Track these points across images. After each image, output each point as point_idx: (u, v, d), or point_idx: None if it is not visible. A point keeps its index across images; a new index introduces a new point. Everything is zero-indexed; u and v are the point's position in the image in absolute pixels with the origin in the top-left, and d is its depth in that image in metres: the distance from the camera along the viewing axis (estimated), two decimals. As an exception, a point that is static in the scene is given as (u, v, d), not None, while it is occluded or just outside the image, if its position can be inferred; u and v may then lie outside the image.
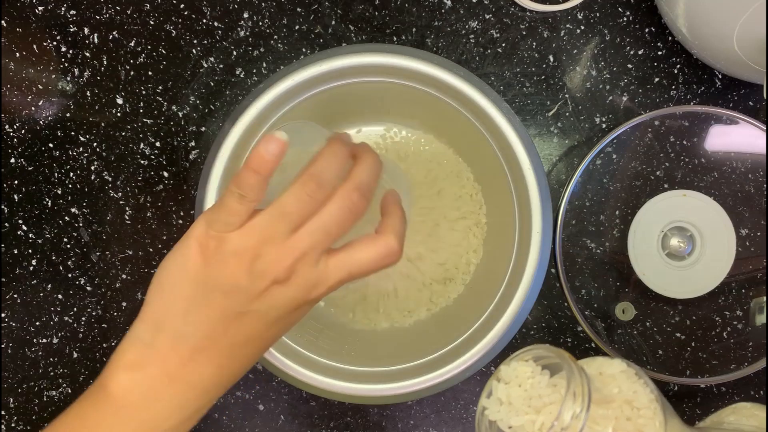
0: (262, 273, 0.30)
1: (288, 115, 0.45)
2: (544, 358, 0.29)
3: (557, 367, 0.29)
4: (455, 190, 0.50)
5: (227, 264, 0.30)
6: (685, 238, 0.48)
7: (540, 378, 0.28)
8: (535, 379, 0.28)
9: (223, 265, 0.30)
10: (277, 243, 0.30)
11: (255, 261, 0.30)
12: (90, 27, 0.51)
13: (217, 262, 0.30)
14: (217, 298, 0.30)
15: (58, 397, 0.52)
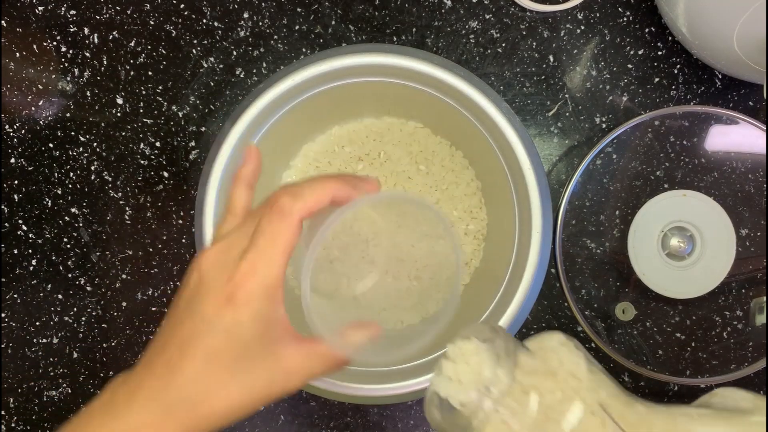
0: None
1: (288, 115, 0.45)
2: (482, 333, 0.29)
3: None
4: (455, 189, 0.50)
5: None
6: (685, 238, 0.48)
7: (485, 354, 0.28)
8: (480, 356, 0.28)
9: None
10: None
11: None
12: (90, 27, 0.51)
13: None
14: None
15: (58, 397, 0.52)
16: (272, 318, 0.29)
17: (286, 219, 0.29)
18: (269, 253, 0.29)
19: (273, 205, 0.30)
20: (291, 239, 0.29)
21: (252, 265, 0.29)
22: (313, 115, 0.47)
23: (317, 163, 0.50)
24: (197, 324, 0.29)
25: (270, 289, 0.29)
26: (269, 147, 0.45)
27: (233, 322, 0.29)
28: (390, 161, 0.50)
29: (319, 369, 0.31)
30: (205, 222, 0.42)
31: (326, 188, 0.30)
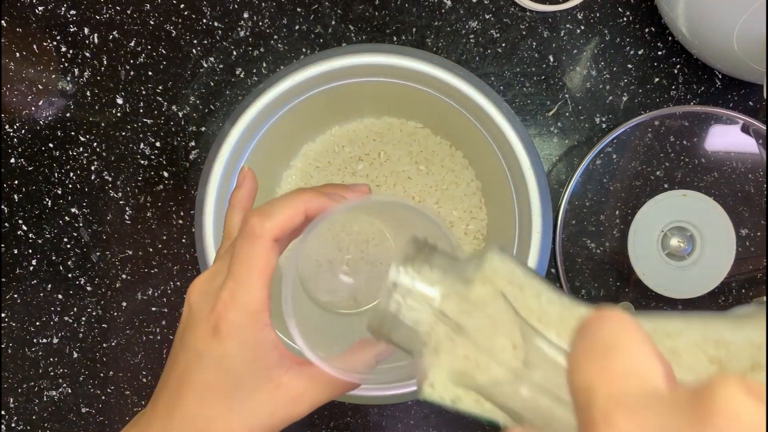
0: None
1: (288, 114, 0.45)
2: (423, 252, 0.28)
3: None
4: (455, 189, 0.50)
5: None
6: (685, 238, 0.48)
7: (434, 275, 0.27)
8: (430, 276, 0.27)
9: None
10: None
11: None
12: (90, 27, 0.51)
13: None
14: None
15: (58, 397, 0.52)
16: (261, 343, 0.28)
17: (257, 241, 0.28)
18: (245, 279, 0.28)
19: (243, 229, 0.29)
20: (266, 260, 0.28)
21: (231, 293, 0.28)
22: (313, 115, 0.47)
23: (317, 163, 0.50)
24: (189, 359, 0.29)
25: (253, 315, 0.28)
26: (269, 147, 0.45)
27: (221, 354, 0.28)
28: (390, 161, 0.50)
29: (325, 394, 0.30)
30: (205, 222, 0.42)
31: (296, 202, 0.29)
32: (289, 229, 0.29)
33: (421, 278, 0.26)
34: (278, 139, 0.46)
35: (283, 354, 0.29)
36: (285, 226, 0.29)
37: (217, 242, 0.42)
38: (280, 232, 0.29)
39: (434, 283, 0.26)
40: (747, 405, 0.14)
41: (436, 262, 0.27)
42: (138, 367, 0.52)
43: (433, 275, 0.26)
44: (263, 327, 0.28)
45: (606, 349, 0.17)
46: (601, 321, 0.18)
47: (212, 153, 0.42)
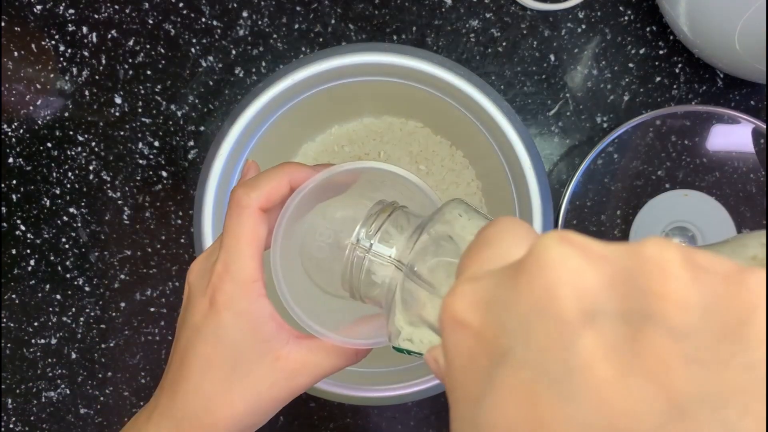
0: None
1: (288, 114, 0.44)
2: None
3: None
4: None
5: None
6: (686, 238, 0.48)
7: (398, 234, 0.28)
8: (395, 235, 0.28)
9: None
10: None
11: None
12: (88, 26, 0.51)
13: None
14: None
15: (57, 397, 0.52)
16: (258, 314, 0.29)
17: (244, 211, 0.29)
18: (235, 249, 0.29)
19: (230, 202, 0.29)
20: (254, 230, 0.29)
21: (224, 264, 0.29)
22: (313, 114, 0.47)
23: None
24: (189, 335, 0.29)
25: (245, 284, 0.29)
26: (268, 146, 0.45)
27: (218, 325, 0.28)
28: (390, 161, 0.50)
29: (327, 363, 0.30)
30: (204, 222, 0.42)
31: (280, 173, 0.30)
32: (275, 199, 0.30)
33: (380, 236, 0.27)
34: (278, 139, 0.46)
35: (280, 325, 0.29)
36: (270, 195, 0.29)
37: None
38: (265, 201, 0.29)
39: (394, 238, 0.27)
40: (557, 249, 0.15)
41: (400, 220, 0.28)
42: (136, 367, 0.52)
43: (393, 231, 0.28)
44: (257, 297, 0.29)
45: (483, 242, 0.19)
46: (490, 223, 0.19)
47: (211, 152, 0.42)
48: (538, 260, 0.15)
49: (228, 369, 0.28)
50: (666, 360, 0.13)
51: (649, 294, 0.14)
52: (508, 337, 0.15)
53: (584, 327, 0.14)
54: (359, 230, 0.27)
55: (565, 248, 0.15)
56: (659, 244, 0.15)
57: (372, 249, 0.27)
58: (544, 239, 0.16)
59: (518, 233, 0.19)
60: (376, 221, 0.28)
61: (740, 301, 0.14)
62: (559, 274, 0.15)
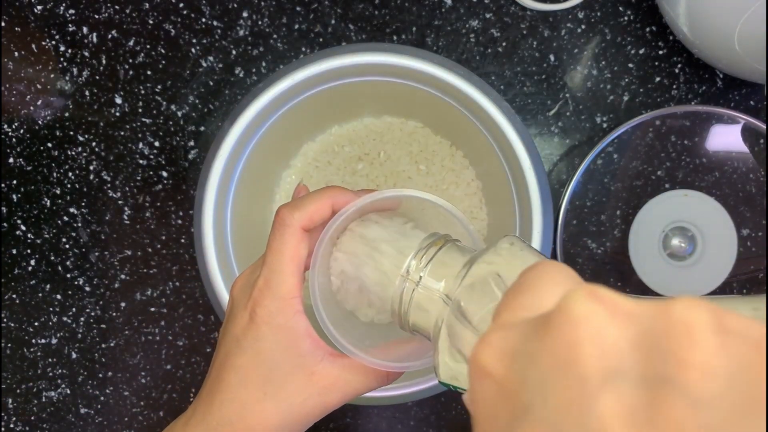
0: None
1: (288, 114, 0.44)
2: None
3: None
4: (455, 189, 0.49)
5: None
6: (686, 238, 0.48)
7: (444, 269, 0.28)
8: (443, 268, 0.28)
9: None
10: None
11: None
12: (89, 26, 0.51)
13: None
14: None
15: (57, 397, 0.52)
16: (295, 330, 0.30)
17: (288, 229, 0.30)
18: (277, 266, 0.30)
19: (274, 221, 0.31)
20: (296, 248, 0.30)
21: (265, 280, 0.30)
22: (313, 114, 0.47)
23: (317, 162, 0.50)
24: (229, 346, 0.30)
25: (284, 300, 0.30)
26: (268, 146, 0.45)
27: (256, 338, 0.30)
28: (390, 161, 0.50)
29: (359, 383, 0.31)
30: (204, 222, 0.42)
31: (324, 195, 0.31)
32: (317, 220, 0.31)
33: (430, 268, 0.27)
34: (278, 139, 0.46)
35: (316, 342, 0.30)
36: (313, 216, 0.30)
37: (216, 242, 0.42)
38: (308, 221, 0.30)
39: (442, 272, 0.27)
40: (584, 305, 0.15)
41: (450, 252, 0.28)
42: (137, 367, 0.52)
43: (443, 265, 0.28)
44: (295, 313, 0.30)
45: (521, 287, 0.19)
46: (531, 267, 0.19)
47: (211, 153, 0.42)
48: (564, 315, 0.15)
49: (264, 381, 0.29)
50: (683, 430, 0.13)
51: (672, 358, 0.14)
52: (529, 392, 0.15)
53: (604, 388, 0.14)
54: (410, 262, 0.28)
55: (592, 305, 0.15)
56: (689, 305, 0.14)
57: (421, 282, 0.28)
58: (573, 294, 0.15)
59: (556, 280, 0.19)
60: (427, 254, 0.28)
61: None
62: (584, 332, 0.15)
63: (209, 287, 0.42)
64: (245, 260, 0.45)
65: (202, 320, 0.51)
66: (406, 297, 0.28)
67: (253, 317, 0.30)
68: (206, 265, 0.42)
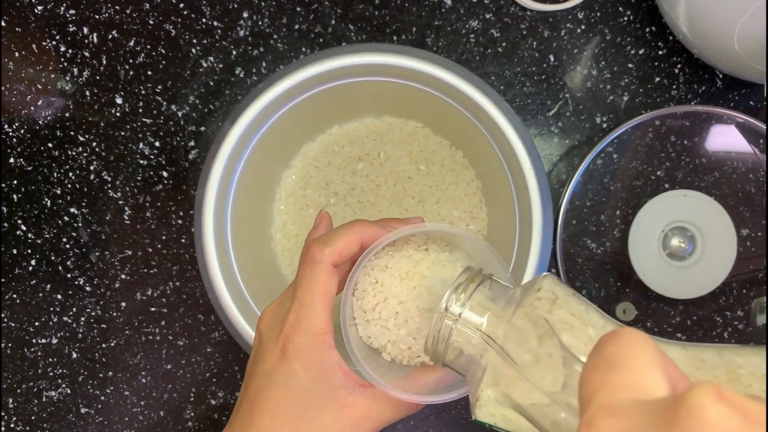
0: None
1: (288, 114, 0.44)
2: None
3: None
4: (455, 189, 0.49)
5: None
6: (685, 238, 0.48)
7: (485, 302, 0.28)
8: (481, 304, 0.28)
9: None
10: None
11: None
12: (89, 26, 0.51)
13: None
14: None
15: (58, 397, 0.52)
16: (326, 364, 0.30)
17: (318, 266, 0.31)
18: (307, 302, 0.30)
19: (304, 256, 0.31)
20: (326, 284, 0.31)
21: (296, 317, 0.30)
22: (313, 114, 0.47)
23: (317, 162, 0.50)
24: (260, 382, 0.31)
25: (317, 336, 0.30)
26: (269, 147, 0.45)
27: (289, 374, 0.30)
28: (390, 161, 0.50)
29: (389, 412, 0.31)
30: (205, 222, 0.42)
31: (353, 230, 0.31)
32: (347, 255, 0.31)
33: (470, 304, 0.27)
34: (278, 139, 0.46)
35: (347, 375, 0.31)
36: (343, 251, 0.31)
37: (216, 242, 0.42)
38: (338, 257, 0.31)
39: (483, 309, 0.27)
40: (716, 408, 0.15)
41: (488, 289, 0.28)
42: (137, 367, 0.52)
43: (483, 302, 0.28)
44: (327, 348, 0.30)
45: (610, 362, 0.18)
46: (613, 337, 0.19)
47: (212, 153, 0.42)
48: (695, 416, 0.15)
49: (297, 415, 0.30)
50: None
51: None
52: None
53: None
54: (448, 297, 0.28)
55: (723, 408, 0.15)
56: None
57: (461, 318, 0.28)
58: (699, 391, 0.15)
59: (648, 354, 0.18)
60: (466, 290, 0.28)
61: None
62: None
63: (209, 287, 0.42)
64: (245, 260, 0.45)
65: (202, 320, 0.52)
66: (444, 333, 0.28)
67: (284, 353, 0.30)
68: (206, 265, 0.42)
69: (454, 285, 0.28)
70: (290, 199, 0.50)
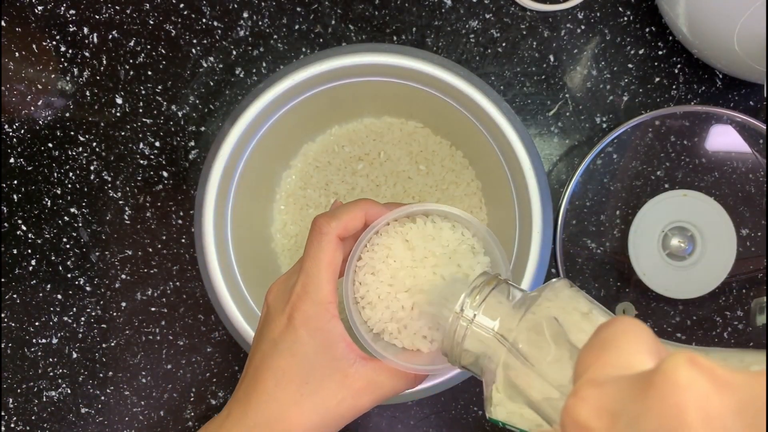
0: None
1: (288, 114, 0.44)
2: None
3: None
4: (455, 189, 0.49)
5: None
6: (685, 238, 0.48)
7: (498, 305, 0.29)
8: (496, 306, 0.29)
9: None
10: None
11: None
12: (89, 26, 0.51)
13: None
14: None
15: (58, 397, 0.52)
16: (331, 333, 0.31)
17: (324, 237, 0.32)
18: (314, 272, 0.31)
19: (311, 229, 0.32)
20: (332, 255, 0.32)
21: (303, 286, 0.31)
22: (313, 114, 0.47)
23: (317, 162, 0.50)
24: (266, 349, 0.31)
25: (322, 305, 0.31)
26: (269, 147, 0.45)
27: (294, 340, 0.31)
28: (390, 161, 0.50)
29: (389, 385, 0.32)
30: (205, 222, 0.42)
31: (358, 206, 0.33)
32: (352, 229, 0.32)
33: (484, 308, 0.28)
34: (278, 139, 0.46)
35: (350, 346, 0.32)
36: (348, 225, 0.32)
37: (216, 242, 0.42)
38: (343, 230, 0.32)
39: (497, 311, 0.28)
40: (687, 372, 0.16)
41: (503, 292, 0.29)
42: (137, 367, 0.52)
43: (497, 304, 0.29)
44: (331, 318, 0.31)
45: (603, 344, 0.20)
46: (610, 322, 0.20)
47: (212, 153, 0.42)
48: (668, 379, 0.16)
49: (301, 382, 0.31)
50: None
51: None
52: None
53: None
54: (464, 299, 0.29)
55: (694, 372, 0.16)
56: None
57: (475, 320, 0.29)
58: (673, 359, 0.16)
59: (640, 338, 0.19)
60: (481, 292, 0.29)
61: None
62: (688, 398, 0.15)
63: (209, 287, 0.42)
64: (245, 260, 0.45)
65: (202, 320, 0.52)
66: (459, 333, 0.29)
67: (291, 321, 0.31)
68: (206, 264, 0.42)
69: (470, 287, 0.29)
70: (290, 199, 0.50)
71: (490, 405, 0.27)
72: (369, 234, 0.33)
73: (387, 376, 0.32)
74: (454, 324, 0.29)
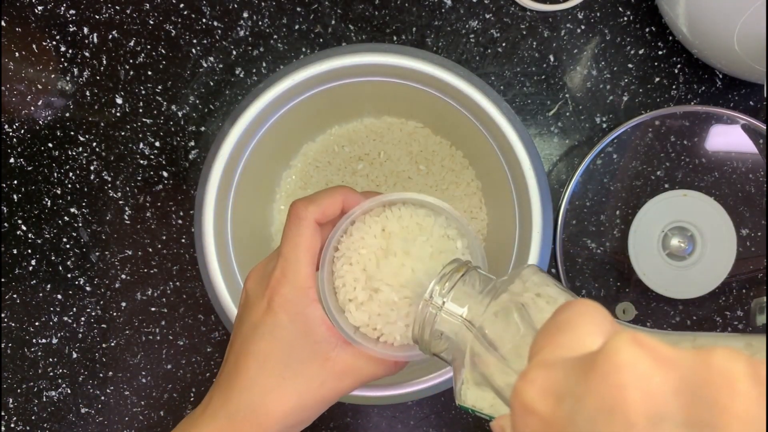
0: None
1: (288, 114, 0.44)
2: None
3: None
4: (455, 189, 0.49)
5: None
6: (685, 238, 0.48)
7: (467, 290, 0.29)
8: (463, 291, 0.29)
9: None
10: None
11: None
12: (89, 26, 0.51)
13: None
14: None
15: (58, 397, 0.52)
16: (310, 317, 0.31)
17: (302, 222, 0.31)
18: (293, 257, 0.31)
19: (289, 214, 0.32)
20: (309, 239, 0.31)
21: (282, 271, 0.31)
22: (313, 114, 0.47)
23: (317, 162, 0.50)
24: (246, 333, 0.31)
25: (301, 290, 0.31)
26: (269, 147, 0.45)
27: (275, 324, 0.31)
28: (390, 161, 0.50)
29: (369, 370, 0.32)
30: (205, 222, 0.42)
31: (336, 192, 0.33)
32: (330, 214, 0.32)
33: (453, 294, 0.29)
34: (278, 139, 0.46)
35: (330, 330, 0.32)
36: (326, 210, 0.32)
37: (217, 242, 0.42)
38: (321, 215, 0.32)
39: (465, 298, 0.28)
40: (629, 351, 0.16)
41: (472, 280, 0.29)
42: (137, 367, 0.52)
43: (466, 291, 0.29)
44: (311, 302, 0.31)
45: (558, 326, 0.20)
46: (567, 305, 0.20)
47: (212, 153, 0.42)
48: (609, 359, 0.16)
49: (282, 366, 0.31)
50: None
51: (714, 406, 0.14)
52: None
53: (650, 431, 0.15)
54: (433, 287, 0.29)
55: (636, 350, 0.16)
56: (728, 355, 0.15)
57: (444, 307, 0.29)
58: (616, 339, 0.16)
59: (594, 321, 0.19)
60: (450, 280, 0.29)
61: None
62: (629, 376, 0.15)
63: (209, 287, 0.42)
64: (245, 260, 0.45)
65: (202, 320, 0.52)
66: (428, 321, 0.29)
67: (270, 305, 0.31)
68: (206, 264, 0.42)
69: (439, 275, 0.29)
70: (290, 199, 0.50)
71: (459, 391, 0.27)
72: (344, 223, 0.33)
73: (368, 360, 0.32)
74: (424, 311, 0.29)
